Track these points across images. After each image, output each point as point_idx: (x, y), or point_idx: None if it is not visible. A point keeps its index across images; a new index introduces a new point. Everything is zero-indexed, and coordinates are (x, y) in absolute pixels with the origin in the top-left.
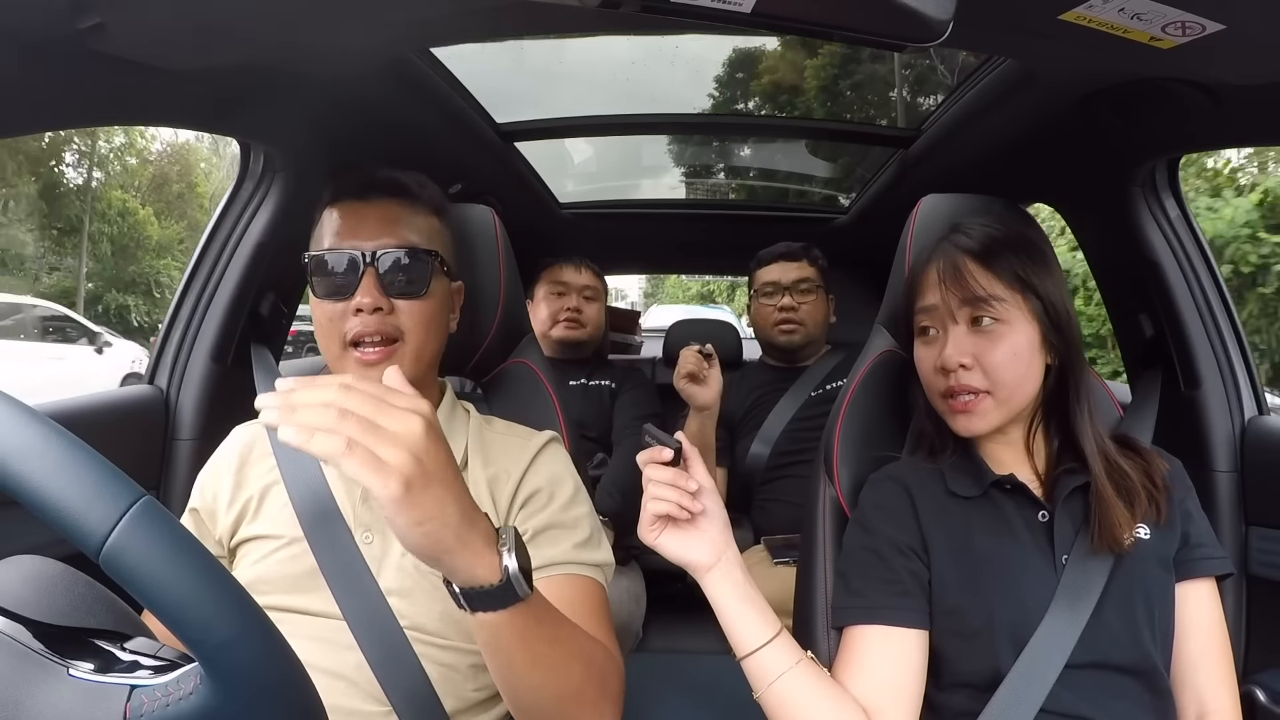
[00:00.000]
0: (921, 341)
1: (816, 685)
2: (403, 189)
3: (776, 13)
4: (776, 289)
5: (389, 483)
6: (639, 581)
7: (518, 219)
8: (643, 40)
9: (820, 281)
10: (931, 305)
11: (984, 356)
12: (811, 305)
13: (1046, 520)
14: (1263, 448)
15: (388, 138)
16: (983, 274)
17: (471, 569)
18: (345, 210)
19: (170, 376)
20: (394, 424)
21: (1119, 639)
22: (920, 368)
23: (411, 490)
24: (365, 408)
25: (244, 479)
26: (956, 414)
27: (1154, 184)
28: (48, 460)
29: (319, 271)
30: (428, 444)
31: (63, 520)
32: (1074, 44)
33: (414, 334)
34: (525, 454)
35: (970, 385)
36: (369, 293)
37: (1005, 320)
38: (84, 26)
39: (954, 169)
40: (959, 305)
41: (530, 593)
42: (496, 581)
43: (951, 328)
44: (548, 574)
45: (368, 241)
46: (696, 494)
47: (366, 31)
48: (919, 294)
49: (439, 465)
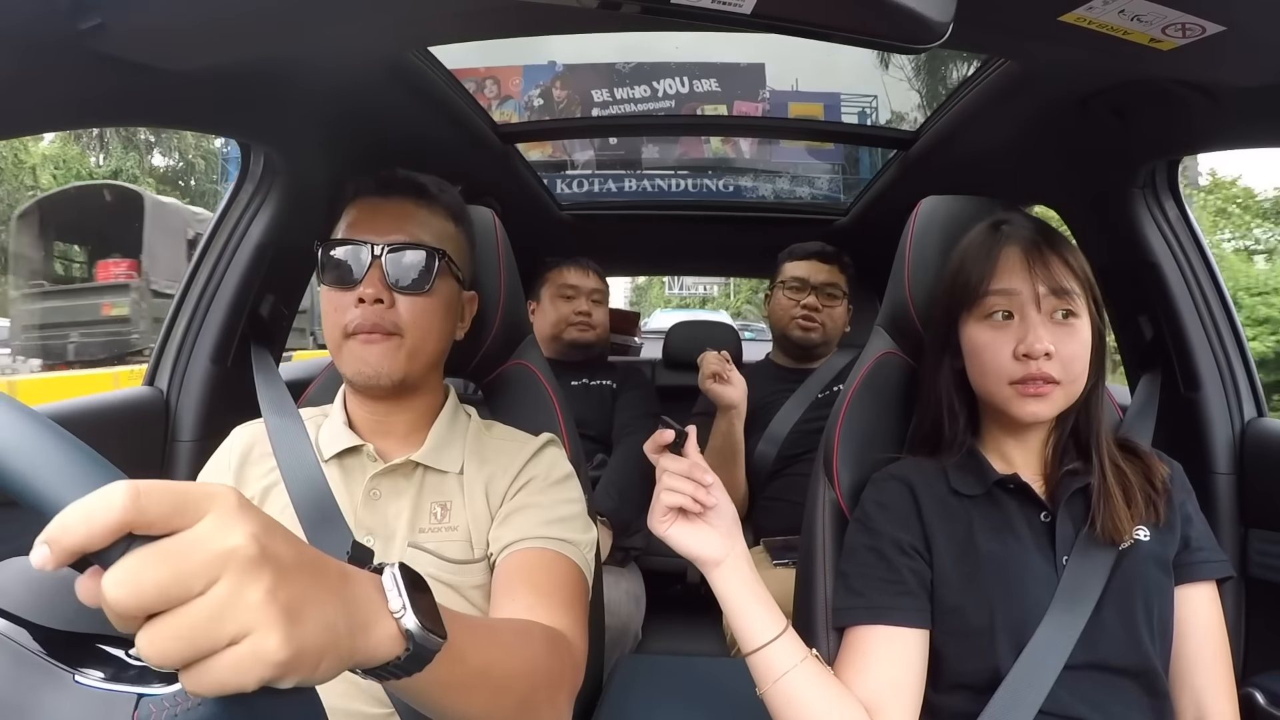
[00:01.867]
0: (989, 325)
1: (820, 683)
2: (420, 189)
3: (776, 14)
4: (804, 285)
5: (258, 659)
6: (638, 583)
7: (518, 220)
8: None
9: (846, 289)
10: (1011, 289)
11: (1062, 347)
12: (835, 310)
13: (1049, 521)
14: (1262, 450)
15: (388, 138)
16: (1062, 266)
17: (372, 652)
18: (363, 205)
19: (170, 378)
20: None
21: (1118, 640)
22: (986, 353)
23: (280, 625)
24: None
25: (244, 479)
26: (1027, 399)
27: (1154, 185)
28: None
29: (329, 260)
30: (254, 553)
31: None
32: (1074, 45)
33: (413, 330)
34: (523, 455)
35: (1050, 374)
36: (372, 284)
37: (1079, 314)
38: (84, 27)
39: (954, 171)
40: (1046, 293)
41: (444, 638)
42: (402, 652)
43: (1032, 314)
44: (516, 547)
45: (379, 236)
46: (709, 487)
47: (366, 31)
48: (993, 275)
49: (286, 560)
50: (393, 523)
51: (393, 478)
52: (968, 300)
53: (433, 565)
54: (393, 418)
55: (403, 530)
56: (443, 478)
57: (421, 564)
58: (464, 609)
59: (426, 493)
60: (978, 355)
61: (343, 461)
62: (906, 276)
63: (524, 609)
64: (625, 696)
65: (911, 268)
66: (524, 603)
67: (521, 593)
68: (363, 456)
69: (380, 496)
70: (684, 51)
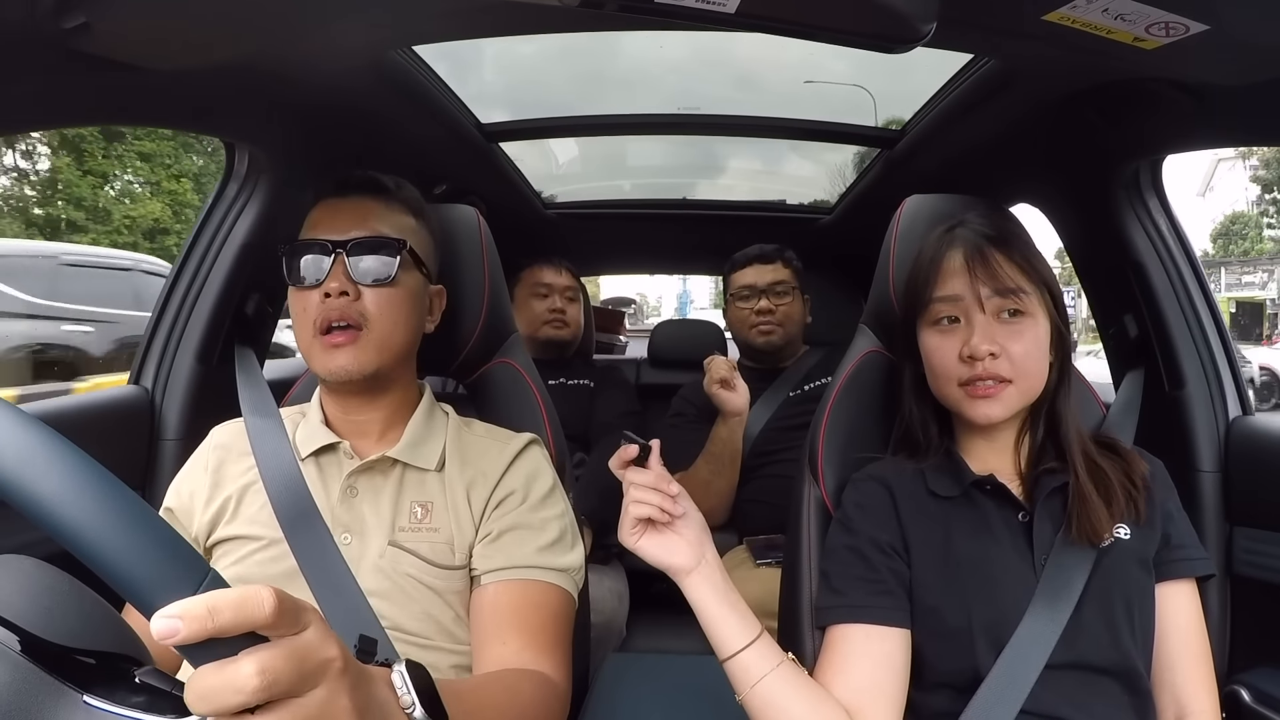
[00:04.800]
0: (937, 330)
1: (797, 686)
2: (378, 185)
3: (760, 13)
4: (753, 292)
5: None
6: (622, 581)
7: (502, 219)
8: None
9: (796, 283)
10: (954, 295)
11: (1010, 346)
12: (788, 307)
13: (1026, 521)
14: (1247, 447)
15: (372, 137)
16: (1009, 265)
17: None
18: (323, 207)
19: (155, 377)
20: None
21: (1098, 639)
22: (935, 357)
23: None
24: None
25: (222, 478)
26: (977, 400)
27: (1138, 185)
28: (124, 535)
29: (293, 261)
30: (343, 666)
31: (133, 595)
32: (1058, 45)
33: (379, 321)
34: (504, 457)
35: (998, 373)
36: (336, 278)
37: (1029, 313)
38: (68, 27)
39: (938, 169)
40: (990, 295)
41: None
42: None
43: (977, 317)
44: (508, 575)
45: (340, 234)
46: (676, 497)
47: (350, 31)
48: (937, 283)
49: (354, 671)
50: (370, 520)
51: (370, 475)
52: (918, 307)
53: (413, 566)
54: (367, 414)
55: (381, 528)
56: (423, 476)
57: (402, 564)
58: (444, 613)
59: (406, 491)
60: (929, 360)
61: (319, 459)
62: (890, 275)
63: (513, 654)
64: (611, 695)
65: (895, 266)
66: (513, 646)
67: (512, 635)
68: (339, 454)
69: (357, 494)
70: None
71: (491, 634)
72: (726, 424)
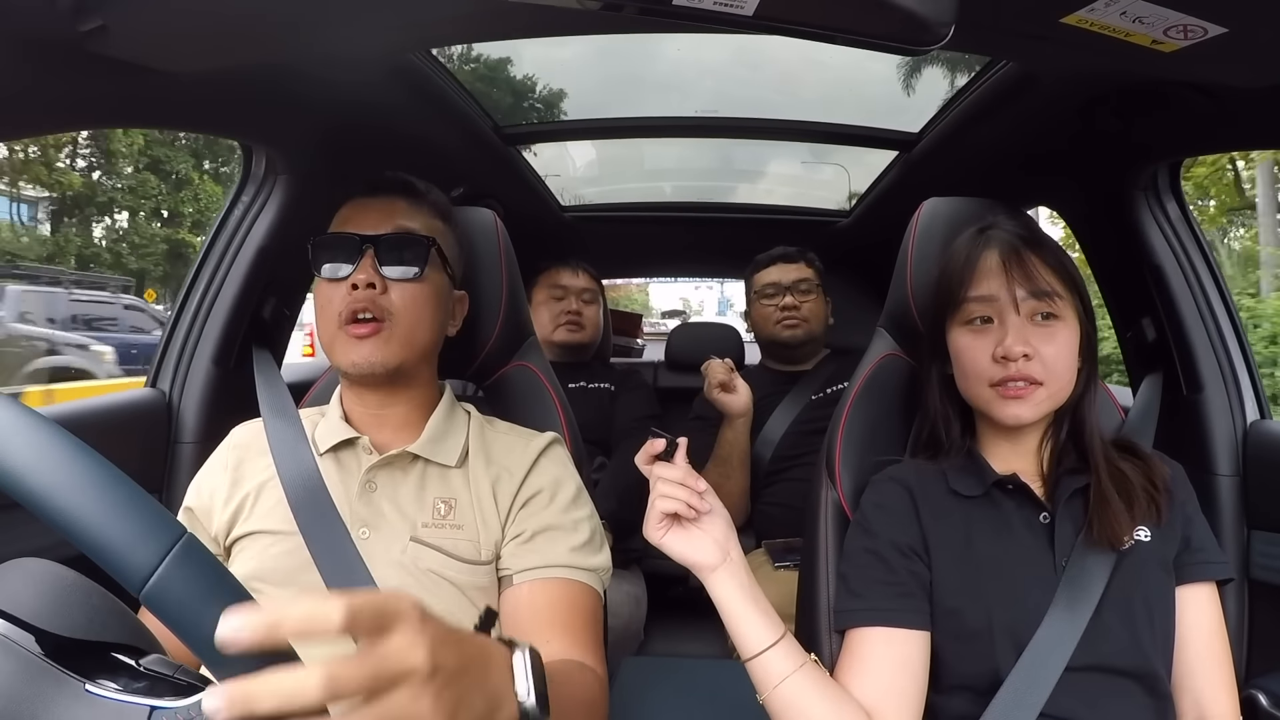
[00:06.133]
0: (969, 330)
1: (820, 688)
2: (408, 187)
3: (779, 15)
4: (778, 289)
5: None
6: (640, 585)
7: (520, 222)
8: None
9: (818, 282)
10: (989, 295)
11: (1043, 348)
12: (812, 304)
13: (1048, 522)
14: (1265, 451)
15: (390, 140)
16: (1044, 267)
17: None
18: (353, 204)
19: (173, 380)
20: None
21: (1119, 642)
22: (966, 356)
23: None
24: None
25: (241, 476)
26: (1008, 400)
27: (1156, 187)
28: (93, 497)
29: (321, 253)
30: (428, 672)
31: (106, 558)
32: (1075, 48)
33: (404, 315)
34: (528, 454)
35: (1030, 374)
36: (365, 270)
37: (1062, 316)
38: (86, 29)
39: (955, 173)
40: (1025, 296)
41: (549, 715)
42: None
43: (1011, 318)
44: (542, 575)
45: (369, 229)
46: (703, 494)
47: (367, 34)
48: (972, 282)
49: (450, 667)
50: (389, 515)
51: (389, 470)
52: (950, 307)
53: (436, 561)
54: (388, 410)
55: (403, 524)
56: (445, 473)
57: (427, 560)
58: (465, 609)
59: (429, 488)
60: (960, 360)
61: (338, 455)
62: (909, 278)
63: (559, 651)
64: (630, 698)
65: (913, 269)
66: (558, 645)
67: (555, 634)
68: (358, 449)
69: (376, 489)
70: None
71: (533, 632)
72: (732, 426)
